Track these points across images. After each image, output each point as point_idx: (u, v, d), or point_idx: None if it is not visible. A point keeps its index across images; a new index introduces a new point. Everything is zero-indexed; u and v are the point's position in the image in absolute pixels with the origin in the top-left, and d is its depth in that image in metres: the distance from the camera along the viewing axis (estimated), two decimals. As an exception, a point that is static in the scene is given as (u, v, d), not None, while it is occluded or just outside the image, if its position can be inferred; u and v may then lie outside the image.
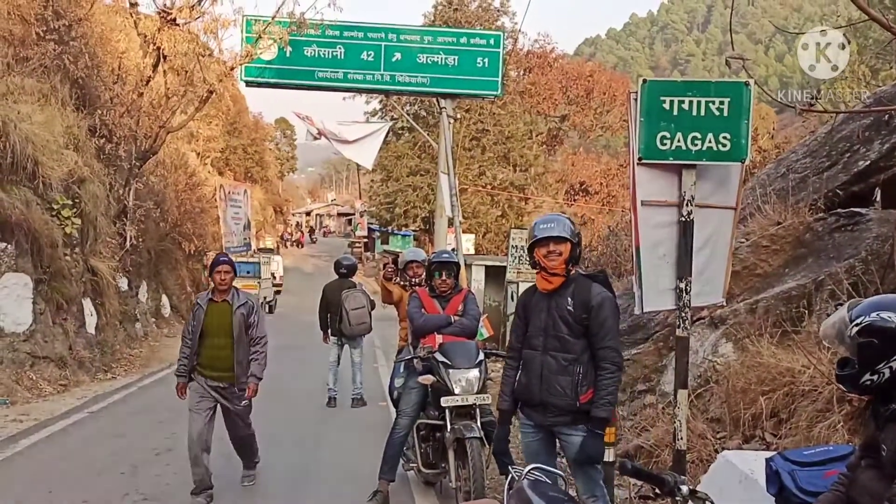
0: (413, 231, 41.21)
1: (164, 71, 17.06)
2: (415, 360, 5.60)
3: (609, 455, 5.02)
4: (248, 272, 24.60)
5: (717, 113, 4.82)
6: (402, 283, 7.10)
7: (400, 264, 6.98)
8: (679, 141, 4.84)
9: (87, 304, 13.10)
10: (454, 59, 18.12)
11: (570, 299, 3.99)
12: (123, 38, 17.42)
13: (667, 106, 4.84)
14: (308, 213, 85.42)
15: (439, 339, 5.70)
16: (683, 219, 4.89)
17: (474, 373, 5.28)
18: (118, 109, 15.59)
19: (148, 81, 16.98)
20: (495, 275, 18.06)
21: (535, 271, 4.16)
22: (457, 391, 5.20)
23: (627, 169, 5.17)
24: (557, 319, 4.01)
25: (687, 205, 4.88)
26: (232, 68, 17.09)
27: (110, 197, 15.02)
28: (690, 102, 4.83)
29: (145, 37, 16.46)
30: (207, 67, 16.63)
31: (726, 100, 4.82)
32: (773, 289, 6.93)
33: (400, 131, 37.42)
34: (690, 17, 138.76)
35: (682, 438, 5.01)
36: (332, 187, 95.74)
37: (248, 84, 17.99)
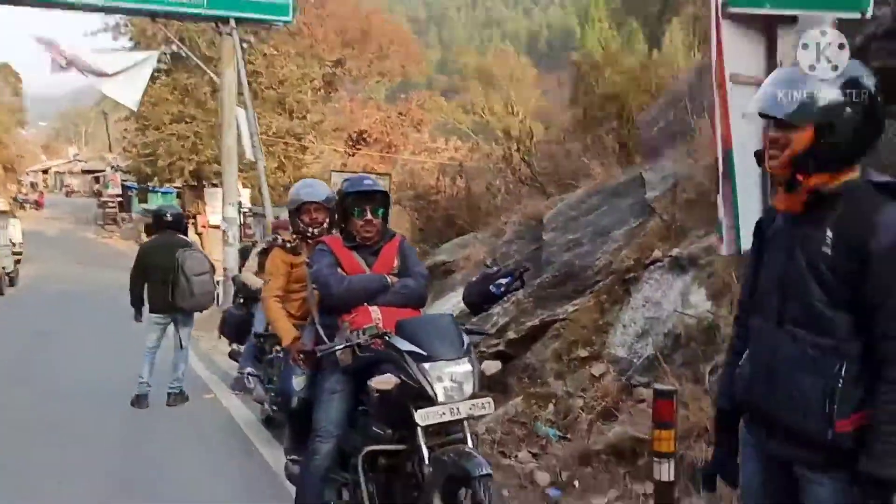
0: (177, 188, 37.14)
1: None
2: (341, 351, 3.42)
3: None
4: (-22, 239, 20.06)
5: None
6: (290, 238, 4.69)
7: (289, 205, 4.64)
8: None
9: None
10: (237, -23, 15.26)
11: (829, 232, 2.01)
12: None
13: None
14: (45, 171, 75.42)
15: (374, 312, 3.59)
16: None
17: (465, 366, 3.25)
18: None
19: None
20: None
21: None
22: (441, 398, 3.15)
23: (711, 35, 3.32)
24: (804, 268, 2.04)
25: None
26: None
27: None
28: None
29: None
30: None
31: None
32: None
33: (156, 73, 32.94)
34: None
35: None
36: (74, 141, 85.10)
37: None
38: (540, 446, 5.19)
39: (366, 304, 3.65)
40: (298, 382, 4.03)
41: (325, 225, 4.46)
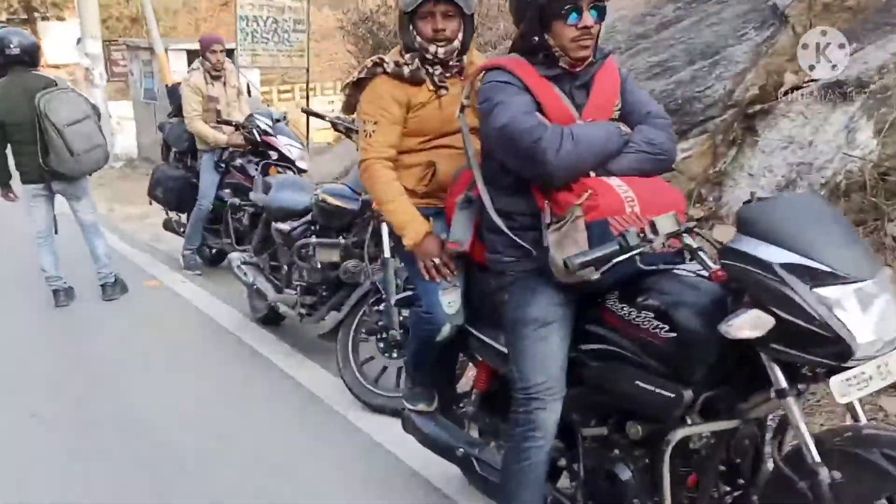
0: (1, 23, 31.94)
1: None
2: (612, 260, 1.86)
3: None
4: None
5: None
6: (405, 60, 2.64)
7: (404, 5, 2.56)
8: None
9: None
10: None
11: None
12: None
13: None
14: None
15: (619, 188, 2.01)
16: None
17: (882, 287, 1.73)
18: None
19: None
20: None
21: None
22: (862, 348, 1.65)
23: None
24: None
25: None
26: None
27: None
28: None
29: None
30: None
31: None
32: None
33: None
34: None
35: None
36: None
37: None
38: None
39: (592, 172, 2.07)
40: (450, 302, 2.44)
41: (454, 43, 2.62)
